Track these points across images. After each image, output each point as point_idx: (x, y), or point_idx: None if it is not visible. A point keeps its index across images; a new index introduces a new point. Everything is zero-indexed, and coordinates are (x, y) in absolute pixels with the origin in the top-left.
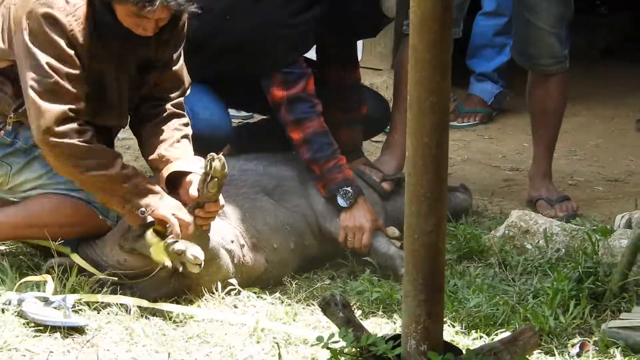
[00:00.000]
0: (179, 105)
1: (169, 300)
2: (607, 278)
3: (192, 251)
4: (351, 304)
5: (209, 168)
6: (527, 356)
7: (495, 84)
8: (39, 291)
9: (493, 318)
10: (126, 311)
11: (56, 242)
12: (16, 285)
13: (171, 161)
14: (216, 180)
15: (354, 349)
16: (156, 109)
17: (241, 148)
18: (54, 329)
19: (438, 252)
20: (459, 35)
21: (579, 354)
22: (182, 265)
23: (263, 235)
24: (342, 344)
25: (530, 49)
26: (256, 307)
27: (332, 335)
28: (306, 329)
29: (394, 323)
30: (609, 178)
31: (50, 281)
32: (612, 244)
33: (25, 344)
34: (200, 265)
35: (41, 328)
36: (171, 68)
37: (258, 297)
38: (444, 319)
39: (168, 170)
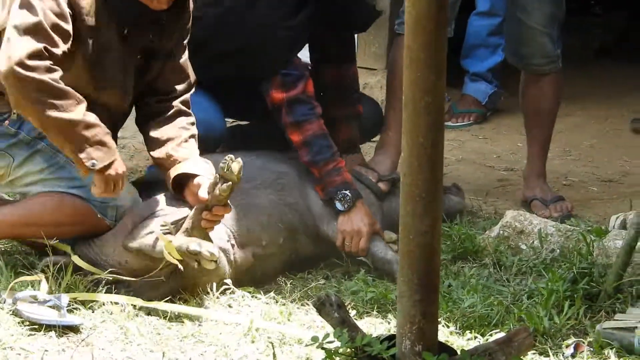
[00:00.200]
0: (186, 103)
1: (164, 300)
2: (602, 279)
3: (207, 248)
4: (345, 304)
5: (227, 170)
6: (522, 357)
7: (489, 84)
8: (33, 290)
9: (487, 318)
10: (121, 310)
11: (53, 241)
12: (10, 284)
13: (179, 161)
14: (230, 183)
15: (348, 349)
16: (163, 104)
17: (235, 149)
18: (49, 327)
19: (433, 253)
20: (451, 34)
21: (573, 355)
22: (197, 263)
23: (253, 234)
24: (337, 344)
25: (523, 49)
26: (251, 307)
27: (327, 335)
28: (301, 329)
29: (389, 323)
30: (604, 178)
31: (44, 280)
32: (607, 244)
33: (20, 342)
34: (216, 261)
35: (36, 327)
36: (175, 60)
37: (252, 297)
38: (439, 320)
39: (176, 171)
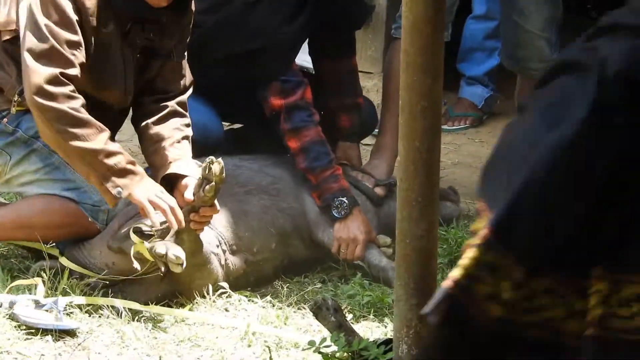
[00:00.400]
0: (182, 104)
1: (160, 304)
2: None
3: (173, 251)
4: (342, 308)
5: (207, 171)
6: None
7: (485, 87)
8: (30, 294)
9: None
10: (117, 314)
11: (47, 245)
12: (7, 288)
13: (170, 161)
14: (213, 184)
15: (345, 354)
16: (159, 104)
17: (230, 153)
18: (46, 331)
19: (430, 257)
20: (448, 38)
21: None
22: (165, 266)
23: (244, 241)
24: (334, 348)
25: (520, 52)
26: (247, 311)
27: (324, 339)
28: (297, 333)
29: (385, 327)
30: None
31: (40, 284)
32: None
33: (16, 346)
34: (182, 265)
35: (32, 331)
36: (174, 60)
37: (249, 301)
38: None
39: (165, 171)
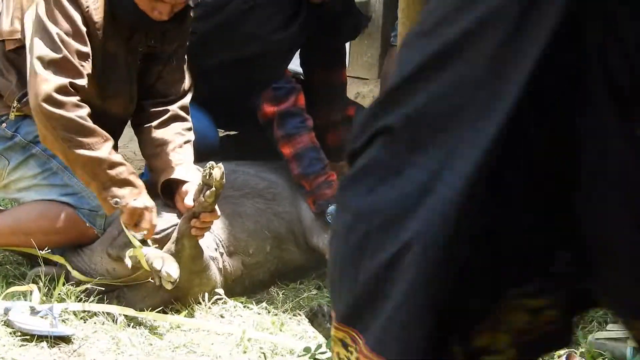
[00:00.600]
0: (184, 108)
1: (156, 310)
2: None
3: (167, 268)
4: None
5: (208, 177)
6: None
7: None
8: (25, 300)
9: None
10: (113, 321)
11: (44, 251)
12: (2, 295)
13: (171, 166)
14: (214, 189)
15: None
16: (159, 108)
17: (226, 159)
18: (41, 338)
19: None
20: None
21: None
22: (159, 280)
23: (240, 242)
24: (329, 354)
25: None
26: (243, 317)
27: (319, 346)
28: (293, 339)
29: None
30: None
31: (36, 290)
32: None
33: (11, 353)
34: (173, 282)
35: (28, 337)
36: (174, 64)
37: (245, 307)
38: None
39: (166, 176)
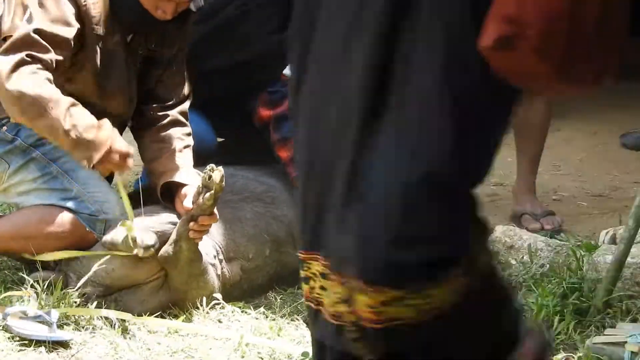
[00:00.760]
0: (183, 114)
1: (154, 315)
2: (592, 294)
3: (143, 236)
4: None
5: (208, 179)
6: None
7: None
8: (23, 305)
9: None
10: (111, 325)
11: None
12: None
13: (171, 170)
14: (213, 192)
15: None
16: (159, 112)
17: (224, 163)
18: (39, 343)
19: None
20: None
21: None
22: (140, 250)
23: (240, 247)
24: None
25: None
26: (240, 322)
27: None
28: (291, 344)
29: None
30: (593, 193)
31: (34, 295)
32: (597, 259)
33: (9, 358)
34: (146, 249)
35: (26, 342)
36: (173, 68)
37: (242, 312)
38: None
39: (165, 179)
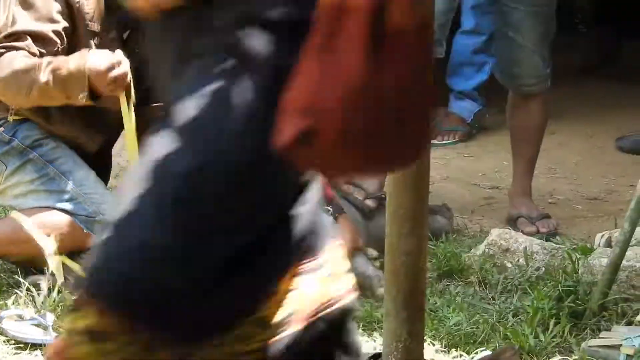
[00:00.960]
0: None
1: None
2: (587, 297)
3: None
4: None
5: None
6: None
7: (474, 102)
8: (19, 308)
9: (473, 336)
10: None
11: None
12: None
13: None
14: None
15: None
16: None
17: None
18: (35, 346)
19: (419, 272)
20: (442, 55)
21: None
22: None
23: None
24: None
25: (515, 69)
26: None
27: None
28: None
29: (375, 341)
30: (589, 196)
31: (30, 298)
32: (592, 262)
33: None
34: None
35: (21, 345)
36: None
37: None
38: (425, 338)
39: None
